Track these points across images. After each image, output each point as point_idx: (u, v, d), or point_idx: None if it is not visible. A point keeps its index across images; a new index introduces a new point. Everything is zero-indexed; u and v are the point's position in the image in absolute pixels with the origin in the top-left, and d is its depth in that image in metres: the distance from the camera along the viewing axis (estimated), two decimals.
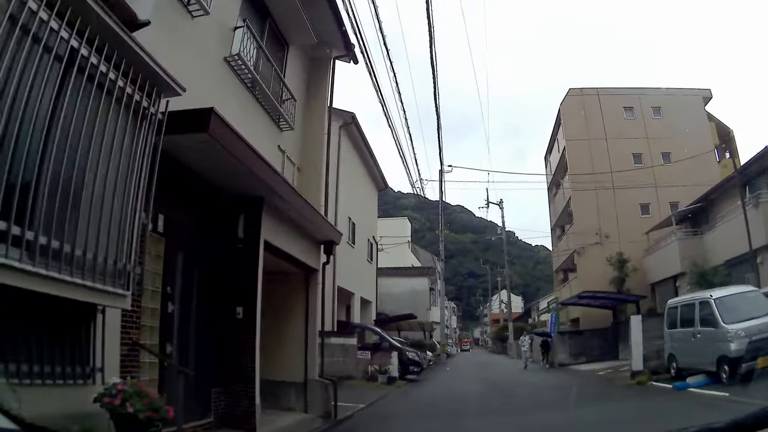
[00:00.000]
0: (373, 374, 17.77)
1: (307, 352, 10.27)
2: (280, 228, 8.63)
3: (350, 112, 23.86)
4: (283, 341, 10.34)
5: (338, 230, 11.05)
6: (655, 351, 16.60)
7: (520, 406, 11.01)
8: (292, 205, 8.34)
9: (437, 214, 39.62)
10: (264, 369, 10.15)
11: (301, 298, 10.51)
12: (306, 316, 10.42)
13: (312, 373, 10.23)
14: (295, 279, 10.58)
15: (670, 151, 33.41)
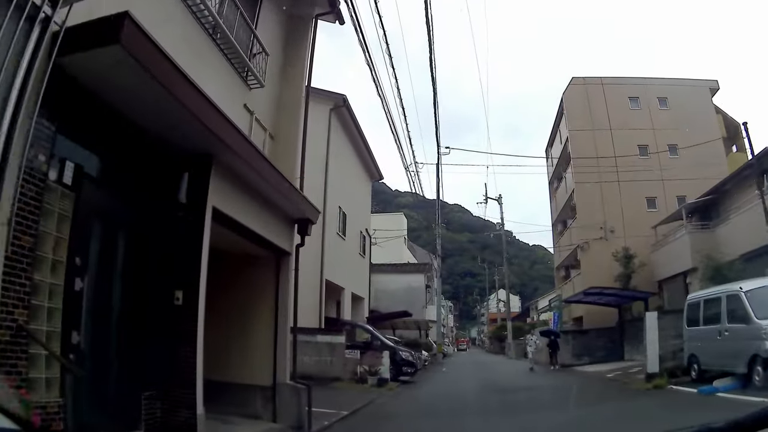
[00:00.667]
0: (362, 376, 16.22)
1: (276, 351, 8.72)
2: (238, 197, 7.07)
3: (341, 94, 22.33)
4: (249, 337, 8.79)
5: (315, 206, 9.46)
6: (671, 351, 15.10)
7: (531, 418, 9.38)
8: (253, 168, 6.79)
9: (434, 213, 38.06)
10: (225, 369, 8.61)
11: (270, 286, 8.96)
12: (276, 308, 8.85)
13: (282, 375, 8.68)
14: (264, 264, 9.03)
15: (676, 144, 32.07)
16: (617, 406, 10.62)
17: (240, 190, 7.12)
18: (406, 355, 18.48)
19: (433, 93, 16.21)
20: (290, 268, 9.17)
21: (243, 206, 7.25)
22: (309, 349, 17.34)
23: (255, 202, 7.65)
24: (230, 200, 6.81)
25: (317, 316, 18.98)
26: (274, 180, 7.53)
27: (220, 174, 6.45)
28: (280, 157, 9.57)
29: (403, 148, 29.93)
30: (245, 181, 7.17)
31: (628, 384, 15.11)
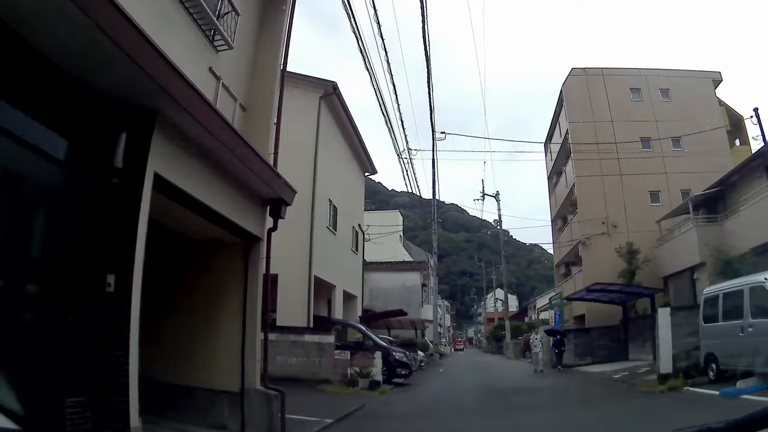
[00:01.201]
0: (352, 378, 15.08)
1: (244, 352, 7.56)
2: (192, 167, 5.93)
3: (331, 81, 21.18)
4: (214, 336, 7.65)
5: (290, 185, 8.27)
6: (684, 350, 14.01)
7: (543, 429, 8.22)
8: (209, 131, 5.64)
9: (431, 212, 36.95)
10: (189, 372, 7.48)
11: (238, 278, 7.79)
12: (244, 302, 7.69)
13: (251, 379, 7.52)
14: (231, 251, 7.87)
15: (679, 136, 31.07)
16: (635, 412, 9.48)
17: (195, 159, 5.98)
18: (400, 356, 17.34)
19: (427, 71, 15.04)
20: (261, 256, 8.01)
21: (200, 179, 6.10)
22: (296, 349, 16.24)
23: (216, 176, 6.50)
24: (181, 169, 5.66)
25: (305, 315, 17.85)
26: (239, 149, 6.39)
27: (166, 135, 5.30)
28: (252, 131, 8.43)
29: (395, 130, 28.59)
30: (203, 149, 6.02)
31: (639, 386, 14.00)
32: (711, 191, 23.93)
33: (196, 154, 5.97)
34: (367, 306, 31.70)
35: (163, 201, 5.52)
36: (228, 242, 7.73)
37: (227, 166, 6.60)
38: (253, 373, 7.50)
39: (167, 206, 5.69)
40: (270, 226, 8.22)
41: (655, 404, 10.35)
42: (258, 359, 7.70)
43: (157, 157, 5.10)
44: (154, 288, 8.18)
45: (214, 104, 6.96)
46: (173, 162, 5.47)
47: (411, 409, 11.88)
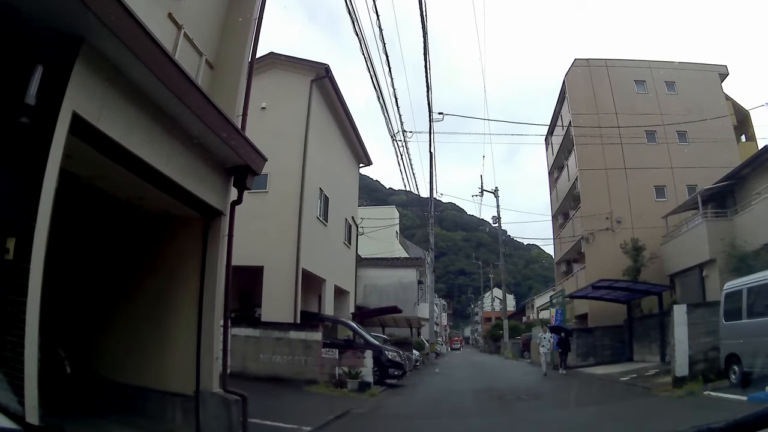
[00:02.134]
0: (341, 378, 13.91)
1: (200, 348, 6.37)
2: (132, 116, 4.76)
3: (323, 63, 19.98)
4: (166, 330, 6.46)
5: (258, 150, 7.04)
6: (701, 351, 12.89)
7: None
8: (151, 67, 4.47)
9: (428, 211, 35.76)
10: (139, 371, 6.32)
11: (195, 259, 6.61)
12: (200, 289, 6.50)
13: (208, 381, 6.33)
14: (187, 228, 6.70)
15: (685, 130, 30.01)
16: (660, 422, 8.29)
17: (137, 108, 4.82)
18: (392, 356, 16.16)
19: (424, 44, 13.86)
20: (222, 234, 6.81)
21: (143, 132, 4.94)
22: (281, 346, 15.09)
23: (164, 131, 5.33)
24: (115, 116, 4.49)
25: (292, 310, 16.66)
26: (192, 99, 5.22)
27: (95, 70, 4.16)
28: (219, 91, 7.23)
29: (388, 108, 27.28)
30: (147, 95, 4.86)
31: (652, 390, 12.86)
32: (721, 185, 22.86)
33: (138, 101, 4.81)
34: (362, 303, 30.54)
35: (96, 157, 4.38)
36: (184, 217, 6.56)
37: (179, 121, 5.42)
38: (209, 373, 6.31)
39: (100, 164, 4.53)
40: (234, 199, 7.00)
41: (679, 412, 9.21)
42: (216, 357, 6.51)
43: (78, 93, 3.94)
44: (99, 271, 7.07)
45: (173, 55, 5.79)
46: (104, 105, 4.31)
47: (402, 415, 10.72)
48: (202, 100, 5.63)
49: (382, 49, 18.48)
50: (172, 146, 5.49)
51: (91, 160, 4.81)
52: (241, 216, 17.85)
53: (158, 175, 5.36)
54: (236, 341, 15.37)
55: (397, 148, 24.39)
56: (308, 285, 19.85)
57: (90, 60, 4.15)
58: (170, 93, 4.84)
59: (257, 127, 19.44)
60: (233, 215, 6.97)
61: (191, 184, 5.93)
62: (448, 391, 15.06)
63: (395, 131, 17.51)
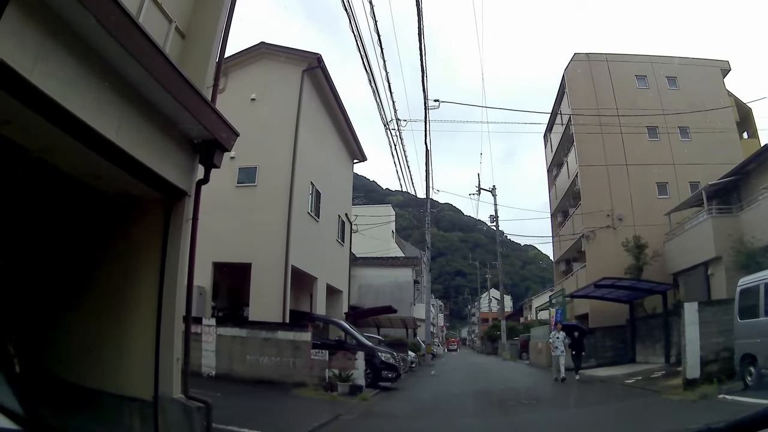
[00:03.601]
0: (331, 381, 13.11)
1: (159, 350, 5.57)
2: (71, 72, 4.00)
3: (314, 53, 19.21)
4: (123, 325, 5.67)
5: (229, 123, 6.21)
6: (713, 351, 12.15)
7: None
8: (98, 16, 3.72)
9: (425, 212, 34.98)
10: (96, 372, 5.54)
11: (155, 246, 5.81)
12: (160, 282, 5.71)
13: (167, 386, 5.53)
14: (146, 211, 5.90)
15: (687, 126, 29.35)
16: None
17: (81, 63, 4.07)
18: (386, 357, 15.35)
19: (418, 20, 13.05)
20: (186, 217, 6.01)
21: (87, 93, 4.17)
22: (268, 347, 14.30)
23: (116, 94, 4.56)
24: (52, 68, 3.75)
25: (280, 309, 15.87)
26: (151, 60, 4.44)
27: (30, 15, 3.45)
28: (190, 60, 6.44)
29: (380, 92, 26.43)
30: (96, 52, 4.10)
31: (661, 393, 12.09)
32: (726, 180, 22.15)
33: (85, 59, 4.07)
34: (356, 303, 29.76)
35: (40, 125, 3.61)
36: (145, 199, 5.77)
37: (135, 85, 4.65)
38: (169, 377, 5.52)
39: (46, 132, 3.76)
40: (200, 178, 6.19)
41: (697, 419, 8.42)
42: (177, 358, 5.70)
43: (8, 40, 3.19)
44: (55, 260, 6.27)
45: (137, 18, 5.00)
46: (40, 56, 3.58)
47: (395, 422, 9.92)
48: (164, 64, 4.86)
49: (373, 27, 17.80)
50: (125, 113, 4.71)
51: (35, 127, 4.05)
52: (229, 211, 17.32)
53: (109, 145, 4.57)
54: (222, 341, 14.64)
55: (390, 137, 23.43)
56: (299, 283, 19.06)
57: (26, 4, 3.39)
58: (123, 49, 4.07)
59: (247, 118, 18.69)
60: (199, 196, 6.16)
61: (150, 159, 5.14)
62: (445, 395, 14.25)
63: (388, 119, 16.53)
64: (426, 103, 15.86)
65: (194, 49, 6.70)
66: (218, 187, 18.01)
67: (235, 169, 17.96)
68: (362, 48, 11.97)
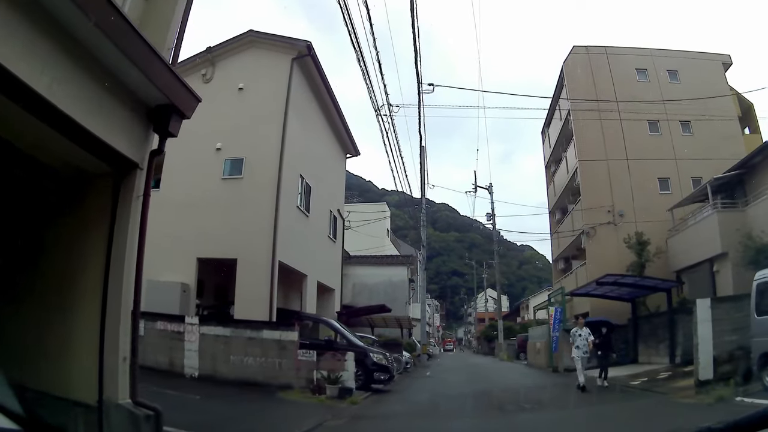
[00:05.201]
0: (319, 383, 12.27)
1: (103, 349, 4.73)
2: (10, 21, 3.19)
3: (304, 40, 18.37)
4: (65, 319, 4.83)
5: (188, 86, 5.35)
6: (726, 351, 11.38)
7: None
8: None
9: (420, 211, 34.18)
10: (38, 372, 4.69)
11: (101, 228, 4.96)
12: (106, 269, 4.86)
13: (113, 389, 4.69)
14: (92, 186, 5.05)
15: (689, 120, 28.70)
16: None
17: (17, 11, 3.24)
18: (378, 358, 14.51)
19: None
20: (137, 194, 5.15)
21: (12, 38, 3.35)
22: (253, 347, 13.47)
23: (45, 39, 3.73)
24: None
25: (267, 307, 15.02)
26: (91, 5, 3.63)
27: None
28: (152, 22, 5.58)
29: (370, 74, 25.49)
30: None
31: (672, 396, 11.29)
32: (731, 174, 21.44)
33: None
34: (350, 302, 28.92)
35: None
36: (91, 173, 4.93)
37: (73, 33, 3.82)
38: (114, 379, 4.67)
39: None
40: (154, 148, 5.33)
41: None
42: (124, 358, 4.85)
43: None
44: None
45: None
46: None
47: (384, 430, 9.09)
48: (109, 9, 4.03)
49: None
50: (60, 64, 3.88)
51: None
52: (215, 204, 16.45)
53: (42, 103, 3.75)
54: (205, 341, 13.83)
55: (381, 123, 22.47)
56: (288, 281, 18.23)
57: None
58: None
59: (234, 108, 17.90)
60: (152, 169, 5.28)
61: (94, 123, 4.31)
62: (440, 398, 13.41)
63: (380, 104, 15.61)
64: (420, 88, 15.02)
65: (157, 10, 5.85)
66: (203, 180, 17.43)
67: (222, 161, 17.17)
68: (350, 23, 11.13)
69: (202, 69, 18.53)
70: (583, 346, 13.70)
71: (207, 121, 17.58)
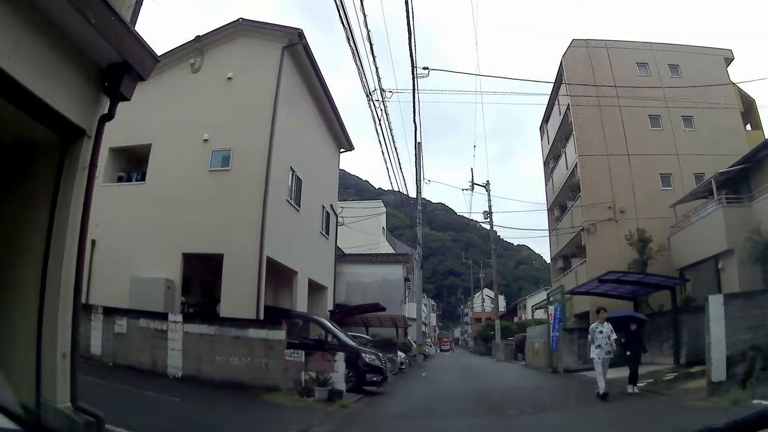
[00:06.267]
0: (307, 385, 11.57)
1: (40, 347, 4.01)
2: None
3: (296, 28, 17.65)
4: (3, 310, 4.11)
5: (144, 42, 4.61)
6: (739, 350, 10.71)
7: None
8: None
9: (417, 203, 33.42)
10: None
11: (42, 206, 4.25)
12: (46, 249, 4.15)
13: (51, 390, 3.98)
14: (36, 157, 4.34)
15: (691, 115, 28.14)
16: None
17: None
18: (371, 359, 13.80)
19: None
20: (83, 164, 4.41)
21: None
22: (239, 347, 12.75)
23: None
24: None
25: (254, 304, 14.29)
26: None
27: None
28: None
29: (361, 57, 24.58)
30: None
31: (682, 399, 10.63)
32: (736, 168, 20.82)
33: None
34: (344, 301, 28.24)
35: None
36: (36, 141, 4.20)
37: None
38: (53, 379, 3.96)
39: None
40: (104, 113, 4.58)
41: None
42: (64, 354, 4.12)
43: None
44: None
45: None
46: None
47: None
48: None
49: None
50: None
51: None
52: (201, 197, 15.70)
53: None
54: (189, 340, 13.11)
55: (374, 110, 21.58)
56: (278, 278, 17.52)
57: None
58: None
59: (222, 99, 17.16)
60: (101, 136, 4.54)
61: (37, 84, 3.59)
62: (435, 401, 12.70)
63: (372, 89, 14.82)
64: (414, 71, 14.30)
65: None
66: (190, 172, 16.70)
67: (209, 152, 16.48)
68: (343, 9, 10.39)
69: (190, 58, 17.93)
70: (606, 346, 11.60)
71: (194, 112, 17.00)
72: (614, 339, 11.73)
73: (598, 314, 12.26)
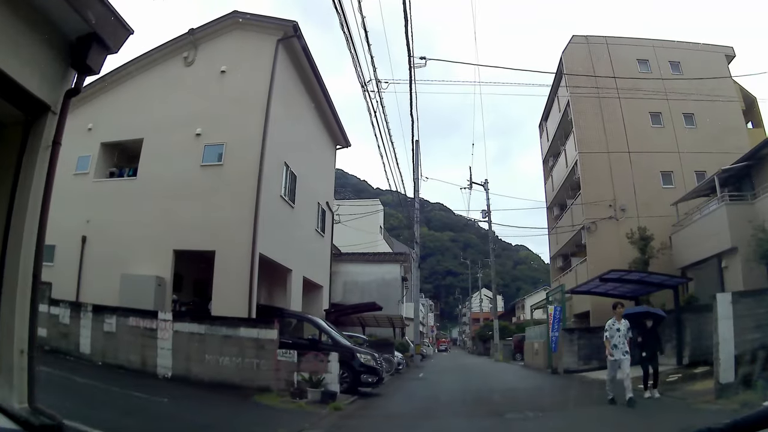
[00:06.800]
0: (300, 386, 11.16)
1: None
2: None
3: (291, 20, 17.24)
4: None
5: (115, 11, 4.21)
6: (748, 350, 10.32)
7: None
8: None
9: (415, 209, 32.99)
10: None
11: (3, 189, 3.84)
12: (5, 236, 3.74)
13: (7, 390, 3.55)
14: None
15: (692, 113, 27.77)
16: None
17: None
18: (366, 359, 13.37)
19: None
20: (45, 143, 3.98)
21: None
22: (229, 346, 12.35)
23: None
24: None
25: (246, 302, 13.88)
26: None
27: None
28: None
29: (355, 43, 24.04)
30: None
31: (689, 401, 10.21)
32: (739, 165, 20.44)
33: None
34: (341, 300, 27.84)
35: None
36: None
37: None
38: (9, 377, 3.54)
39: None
40: (70, 87, 4.16)
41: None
42: (22, 351, 3.71)
43: None
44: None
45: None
46: None
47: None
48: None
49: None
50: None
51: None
52: (193, 193, 15.24)
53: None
54: (179, 339, 12.72)
55: (368, 100, 20.94)
56: (271, 276, 17.11)
57: None
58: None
59: (216, 92, 16.74)
60: (66, 112, 4.12)
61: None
62: (433, 402, 12.28)
63: (367, 79, 14.29)
64: (411, 61, 13.83)
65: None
66: (182, 167, 16.29)
67: (201, 147, 16.07)
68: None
69: (183, 52, 17.54)
70: (623, 345, 10.31)
71: (187, 106, 16.60)
72: (630, 337, 10.57)
73: (614, 310, 10.88)
